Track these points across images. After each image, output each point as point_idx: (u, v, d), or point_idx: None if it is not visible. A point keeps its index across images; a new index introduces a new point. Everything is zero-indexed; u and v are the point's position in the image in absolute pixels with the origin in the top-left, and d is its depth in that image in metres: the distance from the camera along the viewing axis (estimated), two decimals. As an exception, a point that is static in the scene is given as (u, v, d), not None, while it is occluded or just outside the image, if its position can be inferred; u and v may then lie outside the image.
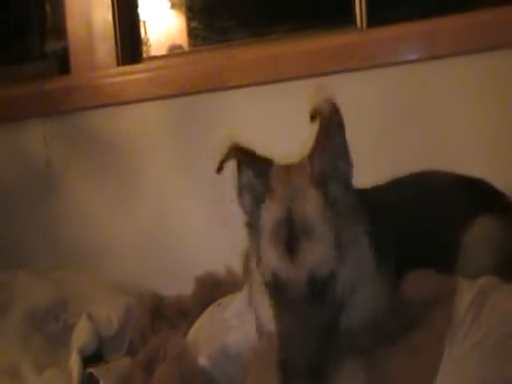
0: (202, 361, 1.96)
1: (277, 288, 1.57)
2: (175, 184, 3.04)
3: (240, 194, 1.73)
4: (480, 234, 1.93)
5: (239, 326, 1.99)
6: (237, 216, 2.83)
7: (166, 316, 2.44)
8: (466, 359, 1.52)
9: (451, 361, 1.53)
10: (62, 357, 2.28)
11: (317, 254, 1.54)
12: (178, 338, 2.12)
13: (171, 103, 3.02)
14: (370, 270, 1.67)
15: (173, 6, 3.37)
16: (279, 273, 1.55)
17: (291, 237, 1.55)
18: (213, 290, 2.38)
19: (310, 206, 1.58)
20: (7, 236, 3.20)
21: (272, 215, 1.60)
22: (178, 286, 2.54)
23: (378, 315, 1.68)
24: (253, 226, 1.68)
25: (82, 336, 2.32)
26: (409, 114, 2.68)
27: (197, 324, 2.20)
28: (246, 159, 1.69)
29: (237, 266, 2.49)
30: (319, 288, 1.54)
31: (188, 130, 3.00)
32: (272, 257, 1.57)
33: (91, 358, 2.26)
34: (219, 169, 1.70)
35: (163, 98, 3.01)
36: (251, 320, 1.95)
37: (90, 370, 2.14)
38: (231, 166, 1.73)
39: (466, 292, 1.67)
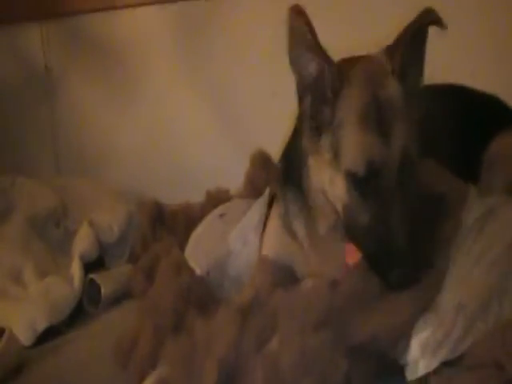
0: (199, 273, 1.98)
1: (369, 176, 1.52)
2: (177, 89, 3.02)
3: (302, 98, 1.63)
4: (499, 152, 1.94)
5: (241, 250, 1.99)
6: (241, 121, 2.86)
7: (168, 224, 2.45)
8: (471, 269, 1.54)
9: (456, 272, 1.55)
10: (63, 263, 2.30)
11: (407, 132, 1.53)
12: (176, 249, 2.13)
13: (171, 8, 2.96)
14: None
15: None
16: (375, 158, 1.51)
17: (381, 119, 1.52)
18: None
19: (393, 88, 1.56)
20: (6, 143, 3.19)
21: (356, 101, 1.56)
22: (181, 194, 2.55)
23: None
24: (325, 124, 1.60)
25: (83, 243, 2.33)
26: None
27: (198, 230, 2.21)
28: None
29: (240, 173, 2.49)
30: (409, 169, 1.53)
31: (187, 35, 2.96)
32: (365, 144, 1.52)
33: (92, 266, 2.29)
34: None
35: (162, 2, 2.96)
36: (254, 243, 1.96)
37: (92, 276, 2.17)
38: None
39: (476, 208, 1.67)
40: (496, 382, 1.31)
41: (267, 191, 2.13)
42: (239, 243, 2.01)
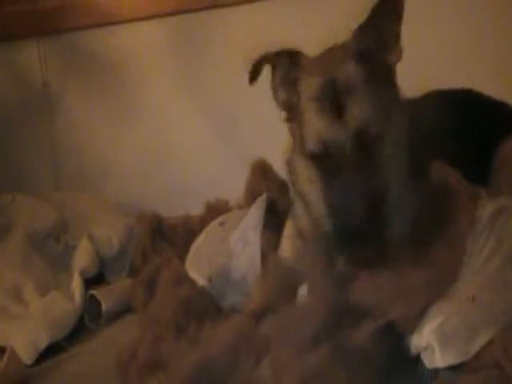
0: (202, 282, 1.97)
1: (324, 156, 1.54)
2: (176, 103, 3.01)
3: (275, 94, 1.69)
4: (508, 156, 1.91)
5: (242, 250, 1.99)
6: (240, 133, 2.86)
7: (168, 236, 2.44)
8: (484, 264, 1.53)
9: (470, 267, 1.55)
10: (63, 279, 2.29)
11: (364, 109, 1.51)
12: (176, 261, 2.12)
13: (169, 21, 2.96)
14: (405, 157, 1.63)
15: None
16: (327, 136, 1.52)
17: (336, 97, 1.52)
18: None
19: (351, 70, 1.55)
20: (5, 159, 3.19)
21: (313, 82, 1.57)
22: (180, 207, 2.54)
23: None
24: (293, 112, 1.65)
25: (83, 258, 2.33)
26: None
27: (199, 240, 2.21)
28: (279, 60, 1.67)
29: (240, 184, 2.49)
30: (367, 146, 1.52)
31: (185, 49, 2.96)
32: (318, 123, 1.54)
33: (93, 280, 2.28)
34: (252, 79, 1.68)
35: (159, 16, 2.95)
36: (255, 243, 1.96)
37: (92, 291, 2.16)
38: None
39: (488, 206, 1.66)
40: (497, 383, 1.29)
41: (264, 195, 2.13)
42: (240, 244, 2.00)
